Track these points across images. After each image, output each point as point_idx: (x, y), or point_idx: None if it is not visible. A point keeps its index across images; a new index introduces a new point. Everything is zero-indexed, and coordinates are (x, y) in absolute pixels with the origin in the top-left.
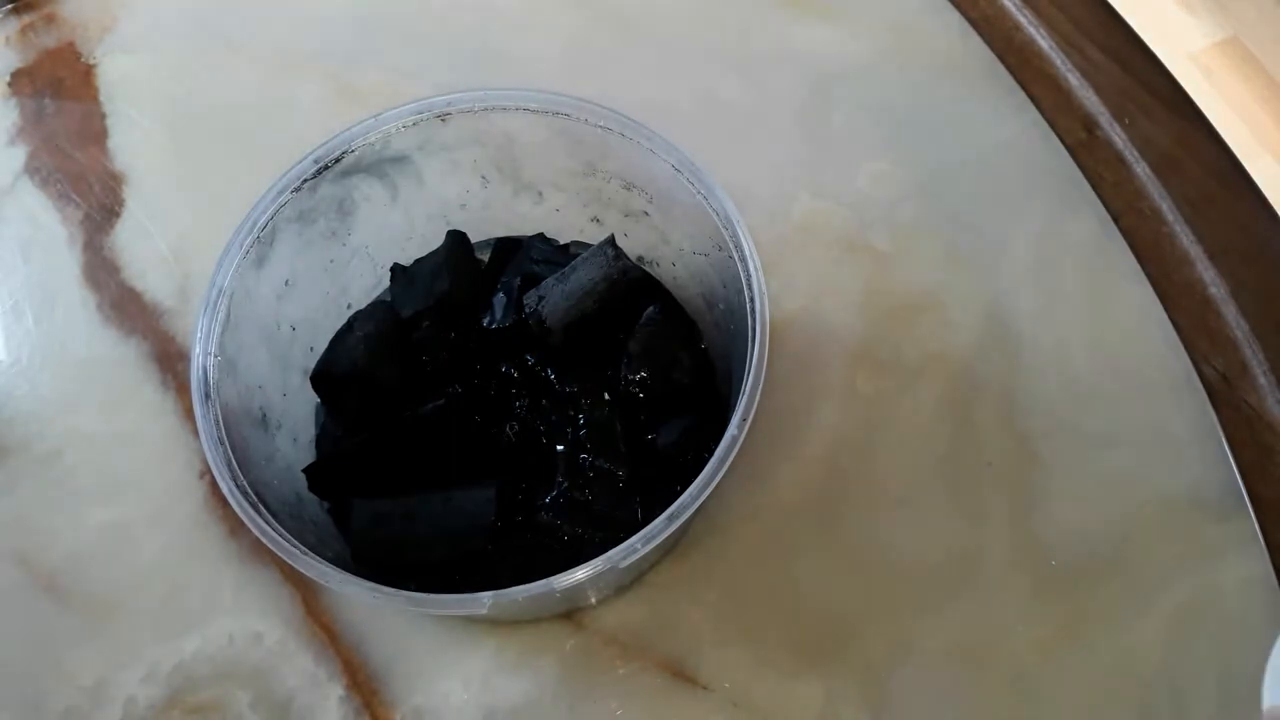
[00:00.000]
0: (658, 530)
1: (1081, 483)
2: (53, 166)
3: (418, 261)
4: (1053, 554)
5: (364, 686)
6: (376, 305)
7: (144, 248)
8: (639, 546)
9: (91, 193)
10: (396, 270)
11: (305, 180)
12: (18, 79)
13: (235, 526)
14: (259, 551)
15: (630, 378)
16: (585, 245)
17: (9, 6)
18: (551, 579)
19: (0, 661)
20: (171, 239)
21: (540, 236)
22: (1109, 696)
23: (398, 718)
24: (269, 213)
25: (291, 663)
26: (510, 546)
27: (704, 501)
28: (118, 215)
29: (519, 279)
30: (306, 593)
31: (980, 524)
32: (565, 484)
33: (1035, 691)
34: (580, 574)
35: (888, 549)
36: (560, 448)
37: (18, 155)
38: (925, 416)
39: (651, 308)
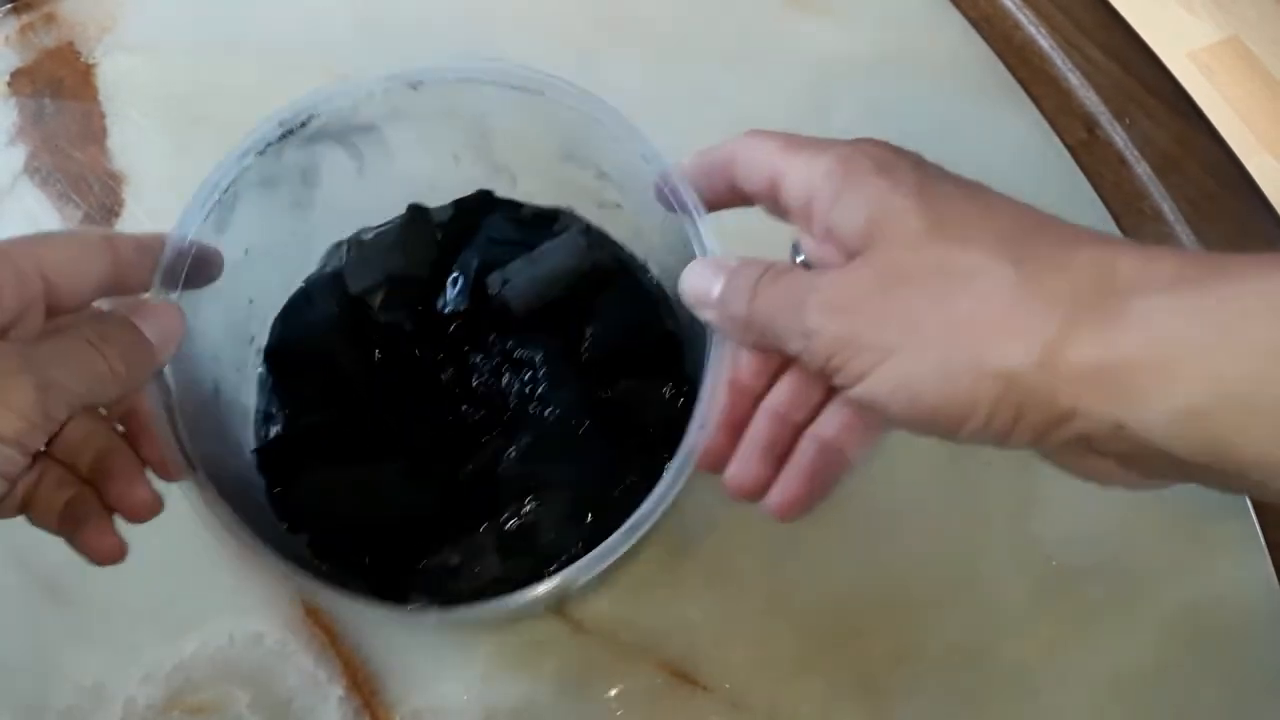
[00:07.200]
0: (614, 546)
1: (1081, 483)
2: (52, 166)
3: (376, 234)
4: (1053, 554)
5: (364, 686)
6: (330, 278)
7: None
8: (593, 565)
9: (91, 193)
10: (353, 242)
11: (269, 144)
12: (17, 79)
13: None
14: None
15: (590, 337)
16: (547, 209)
17: (9, 6)
18: (506, 598)
19: (0, 661)
20: None
21: (501, 209)
22: (1109, 696)
23: (397, 718)
24: (231, 174)
25: (291, 663)
26: (471, 505)
27: (671, 508)
28: (118, 215)
29: (477, 261)
30: (306, 593)
31: (980, 524)
32: (527, 439)
33: (1035, 691)
34: (541, 588)
35: (888, 549)
36: (524, 407)
37: (18, 155)
38: None
39: (619, 280)
